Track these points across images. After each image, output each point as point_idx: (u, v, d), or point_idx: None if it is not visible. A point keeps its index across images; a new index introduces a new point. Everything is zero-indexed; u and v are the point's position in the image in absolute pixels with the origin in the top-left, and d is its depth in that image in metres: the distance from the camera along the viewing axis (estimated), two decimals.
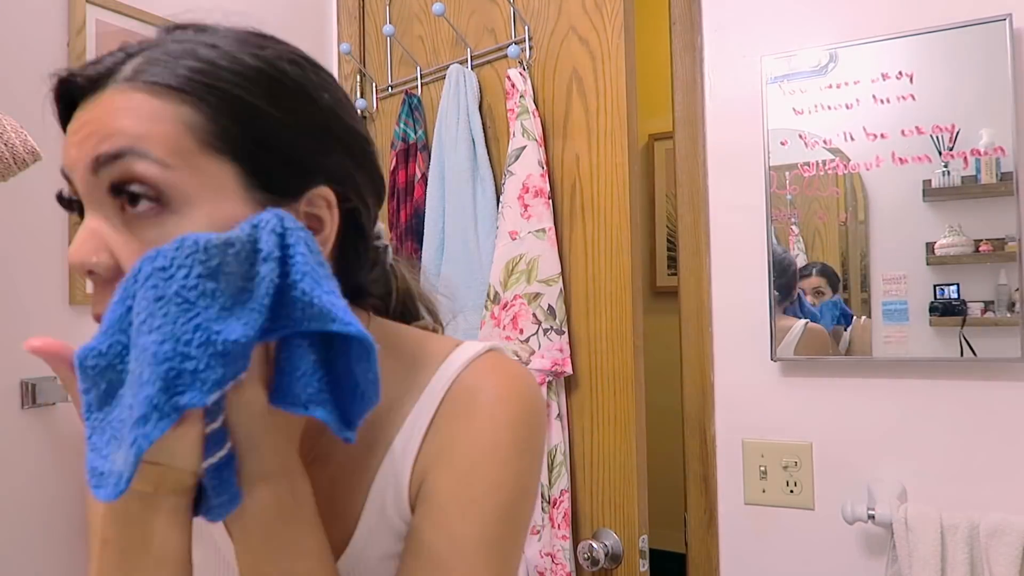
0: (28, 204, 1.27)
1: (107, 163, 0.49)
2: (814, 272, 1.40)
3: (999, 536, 1.20)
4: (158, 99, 0.50)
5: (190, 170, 0.50)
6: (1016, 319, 1.25)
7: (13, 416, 1.23)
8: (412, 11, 1.80)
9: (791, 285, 1.42)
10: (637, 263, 1.34)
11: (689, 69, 1.53)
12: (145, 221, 0.50)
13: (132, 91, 0.50)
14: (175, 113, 0.50)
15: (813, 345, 1.40)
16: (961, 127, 1.29)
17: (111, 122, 0.50)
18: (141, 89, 0.50)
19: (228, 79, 0.51)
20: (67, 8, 1.34)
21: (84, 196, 0.52)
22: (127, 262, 0.50)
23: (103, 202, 0.51)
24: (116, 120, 0.50)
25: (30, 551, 1.25)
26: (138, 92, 0.50)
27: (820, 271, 1.40)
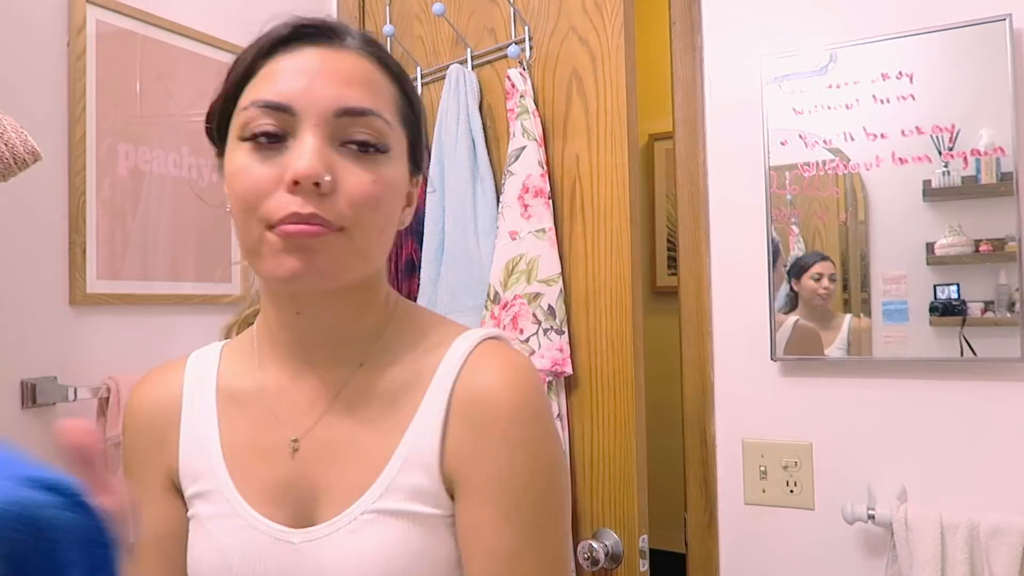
0: (28, 204, 1.27)
1: (354, 115, 0.62)
2: (816, 261, 1.40)
3: (999, 536, 1.20)
4: (383, 73, 0.66)
5: (396, 133, 0.65)
6: (1016, 319, 1.25)
7: (13, 416, 1.23)
8: (412, 11, 1.80)
9: (786, 280, 1.42)
10: (637, 263, 1.34)
11: (689, 69, 1.53)
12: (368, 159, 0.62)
13: (366, 59, 0.65)
14: (391, 89, 0.66)
15: (804, 343, 1.39)
16: (961, 127, 1.29)
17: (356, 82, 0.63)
18: (372, 60, 0.65)
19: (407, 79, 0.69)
20: (67, 8, 1.33)
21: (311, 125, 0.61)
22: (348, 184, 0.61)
23: (327, 135, 0.61)
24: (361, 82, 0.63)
25: None
26: (370, 62, 0.65)
27: (822, 258, 1.40)
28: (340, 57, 0.63)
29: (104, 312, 1.38)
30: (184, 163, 1.53)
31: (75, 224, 1.33)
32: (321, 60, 0.63)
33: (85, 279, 1.34)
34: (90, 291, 1.35)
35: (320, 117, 0.61)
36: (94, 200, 1.36)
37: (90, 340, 1.35)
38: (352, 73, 0.63)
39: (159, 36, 1.49)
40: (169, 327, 1.50)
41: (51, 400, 1.26)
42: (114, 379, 1.32)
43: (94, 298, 1.36)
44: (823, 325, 1.40)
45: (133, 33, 1.44)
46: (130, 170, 1.43)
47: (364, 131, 0.62)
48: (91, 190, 1.36)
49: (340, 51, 0.64)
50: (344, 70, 0.63)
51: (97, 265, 1.37)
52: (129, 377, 1.34)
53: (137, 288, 1.44)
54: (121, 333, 1.41)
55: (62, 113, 1.32)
